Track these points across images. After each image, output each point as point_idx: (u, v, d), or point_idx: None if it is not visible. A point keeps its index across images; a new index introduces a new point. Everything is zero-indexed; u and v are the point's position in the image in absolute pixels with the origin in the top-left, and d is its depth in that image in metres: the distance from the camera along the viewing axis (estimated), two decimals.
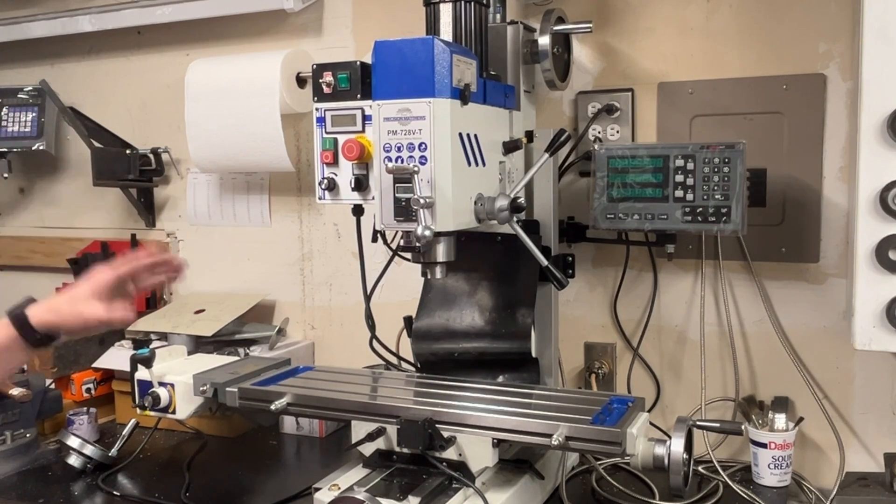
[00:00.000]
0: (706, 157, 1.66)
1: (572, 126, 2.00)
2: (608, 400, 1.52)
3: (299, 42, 2.30)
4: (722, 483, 1.70)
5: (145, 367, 1.68)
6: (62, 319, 1.48)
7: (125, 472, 1.85)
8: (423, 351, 1.77)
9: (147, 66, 2.55)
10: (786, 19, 1.80)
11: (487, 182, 1.55)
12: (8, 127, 2.54)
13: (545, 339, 1.79)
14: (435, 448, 1.42)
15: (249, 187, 2.43)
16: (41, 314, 1.47)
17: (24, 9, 2.62)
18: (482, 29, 1.58)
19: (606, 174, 1.74)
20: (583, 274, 2.01)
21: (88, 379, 2.22)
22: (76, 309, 1.48)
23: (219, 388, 1.65)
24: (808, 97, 1.79)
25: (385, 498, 1.37)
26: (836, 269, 1.81)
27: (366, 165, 1.60)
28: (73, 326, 1.49)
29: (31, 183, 2.78)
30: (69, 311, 1.48)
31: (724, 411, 1.91)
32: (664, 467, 1.35)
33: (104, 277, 1.51)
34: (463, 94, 1.43)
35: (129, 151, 2.47)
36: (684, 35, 1.89)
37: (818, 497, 1.69)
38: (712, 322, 1.92)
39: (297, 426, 2.08)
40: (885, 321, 1.37)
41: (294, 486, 1.70)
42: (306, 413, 1.66)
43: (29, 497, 1.72)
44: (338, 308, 2.34)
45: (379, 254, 1.90)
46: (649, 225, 1.72)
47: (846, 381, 1.82)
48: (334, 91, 1.61)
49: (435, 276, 1.51)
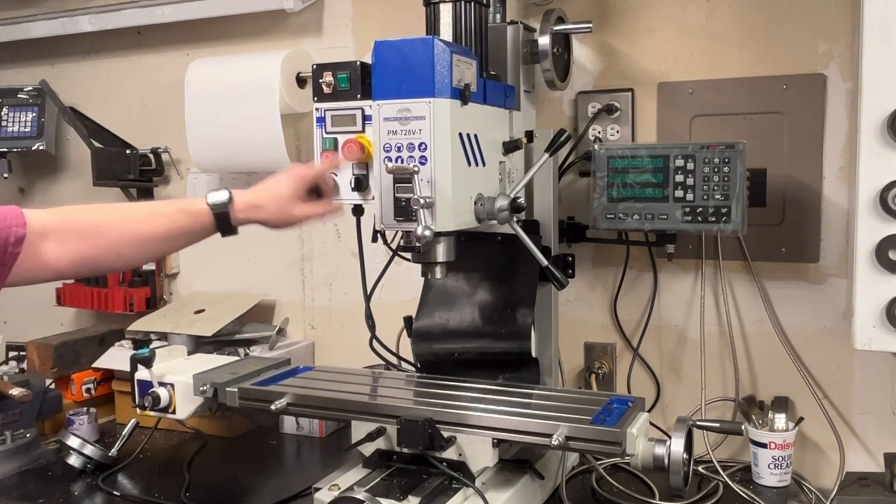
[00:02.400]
0: (706, 157, 1.66)
1: (572, 126, 2.00)
2: (608, 400, 1.51)
3: (299, 42, 2.30)
4: (722, 483, 1.70)
5: (145, 367, 1.68)
6: (266, 217, 1.51)
7: (125, 472, 1.85)
8: (423, 351, 1.77)
9: (147, 66, 2.55)
10: (786, 19, 1.80)
11: (487, 182, 1.55)
12: (8, 127, 2.54)
13: (545, 339, 1.79)
14: (435, 448, 1.42)
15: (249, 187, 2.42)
16: (244, 209, 1.48)
17: (24, 9, 2.62)
18: (482, 29, 1.58)
19: (606, 174, 1.74)
20: (583, 274, 2.01)
21: (88, 379, 2.22)
22: (283, 209, 1.51)
23: (219, 388, 1.65)
24: (808, 97, 1.79)
25: (385, 498, 1.37)
26: (836, 269, 1.81)
27: (366, 165, 1.60)
28: (277, 224, 1.52)
29: (31, 183, 2.78)
30: (276, 211, 1.50)
31: (724, 411, 1.91)
32: (664, 467, 1.35)
33: (304, 176, 1.54)
34: (463, 94, 1.43)
35: (129, 151, 2.47)
36: (684, 35, 1.89)
37: (818, 497, 1.69)
38: (712, 322, 1.92)
39: (297, 426, 2.08)
40: (885, 321, 1.37)
41: (294, 486, 1.70)
42: (306, 413, 1.67)
43: (29, 497, 1.72)
44: (338, 308, 2.34)
45: (379, 254, 1.90)
46: (649, 225, 1.72)
47: (846, 381, 1.82)
48: (334, 91, 1.61)
49: (435, 276, 1.51)
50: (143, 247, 1.44)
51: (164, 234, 1.45)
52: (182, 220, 1.47)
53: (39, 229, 1.34)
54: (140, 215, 1.47)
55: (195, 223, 1.47)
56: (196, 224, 1.47)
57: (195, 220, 1.47)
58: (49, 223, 1.36)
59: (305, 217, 1.54)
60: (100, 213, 1.44)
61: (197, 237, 1.49)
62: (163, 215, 1.47)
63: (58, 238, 1.36)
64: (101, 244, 1.40)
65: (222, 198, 1.47)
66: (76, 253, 1.37)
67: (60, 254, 1.36)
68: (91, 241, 1.39)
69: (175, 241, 1.49)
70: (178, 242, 1.50)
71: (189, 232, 1.47)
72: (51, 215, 1.38)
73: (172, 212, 1.48)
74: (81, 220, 1.42)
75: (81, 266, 1.40)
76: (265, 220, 1.51)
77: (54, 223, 1.37)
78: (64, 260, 1.36)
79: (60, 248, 1.36)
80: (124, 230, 1.43)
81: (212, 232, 1.48)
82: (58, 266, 1.37)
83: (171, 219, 1.47)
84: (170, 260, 2.53)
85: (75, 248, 1.37)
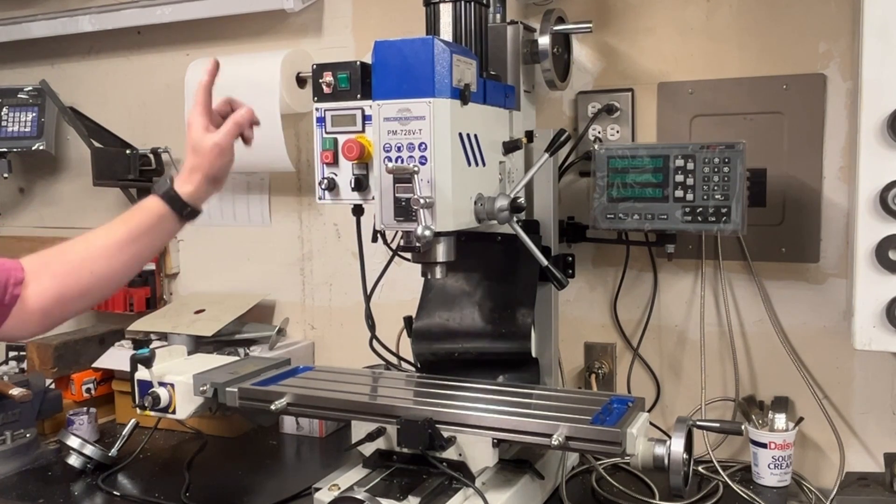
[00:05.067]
0: (706, 157, 1.66)
1: (572, 126, 2.00)
2: (608, 400, 1.51)
3: (299, 42, 2.30)
4: (722, 483, 1.70)
5: (145, 367, 1.68)
6: (204, 165, 1.50)
7: (125, 472, 1.85)
8: (423, 351, 1.77)
9: (147, 66, 2.55)
10: (786, 19, 1.80)
11: (487, 182, 1.55)
12: (8, 127, 2.54)
13: (545, 339, 1.79)
14: (435, 448, 1.42)
15: (249, 187, 2.42)
16: (186, 181, 1.49)
17: (24, 9, 2.62)
18: (482, 29, 1.58)
19: (606, 174, 1.74)
20: (583, 274, 2.01)
21: (88, 379, 2.22)
22: (205, 149, 1.50)
23: (219, 388, 1.65)
24: (808, 97, 1.79)
25: (385, 498, 1.37)
26: (836, 269, 1.81)
27: (366, 165, 1.60)
28: (218, 165, 1.51)
29: (31, 183, 2.78)
30: (202, 157, 1.50)
31: (724, 411, 1.91)
32: (664, 467, 1.35)
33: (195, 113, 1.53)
34: (463, 94, 1.43)
35: (129, 151, 2.47)
36: (684, 35, 1.89)
37: (818, 497, 1.69)
38: (712, 322, 1.92)
39: (297, 426, 2.08)
40: (885, 321, 1.37)
41: (294, 486, 1.70)
42: (306, 413, 1.67)
43: (29, 497, 1.72)
44: (338, 308, 2.34)
45: (379, 254, 1.90)
46: (649, 225, 1.72)
47: (846, 381, 1.82)
48: (334, 91, 1.61)
49: (435, 276, 1.51)
50: (111, 256, 1.44)
51: (125, 236, 1.46)
52: (137, 217, 1.48)
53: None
54: (100, 229, 1.48)
55: (151, 214, 1.48)
56: (152, 215, 1.48)
57: (149, 211, 1.48)
58: (28, 267, 1.40)
59: (223, 137, 1.51)
60: (64, 245, 1.47)
61: (162, 231, 1.50)
62: (119, 220, 1.49)
63: (34, 279, 1.39)
64: (71, 268, 1.42)
65: (164, 182, 1.50)
66: (53, 286, 1.40)
67: (40, 292, 1.39)
68: (61, 268, 1.42)
69: (140, 241, 1.48)
70: (144, 241, 1.48)
71: (149, 227, 1.48)
72: (27, 261, 1.42)
73: (127, 215, 1.49)
74: (47, 256, 1.45)
75: (62, 298, 1.41)
76: (205, 173, 1.50)
77: (30, 267, 1.41)
78: (46, 296, 1.39)
79: (38, 287, 1.39)
80: (88, 246, 1.45)
81: (172, 220, 1.49)
82: (41, 305, 1.38)
83: (127, 221, 1.48)
84: (170, 260, 2.53)
85: (49, 282, 1.40)
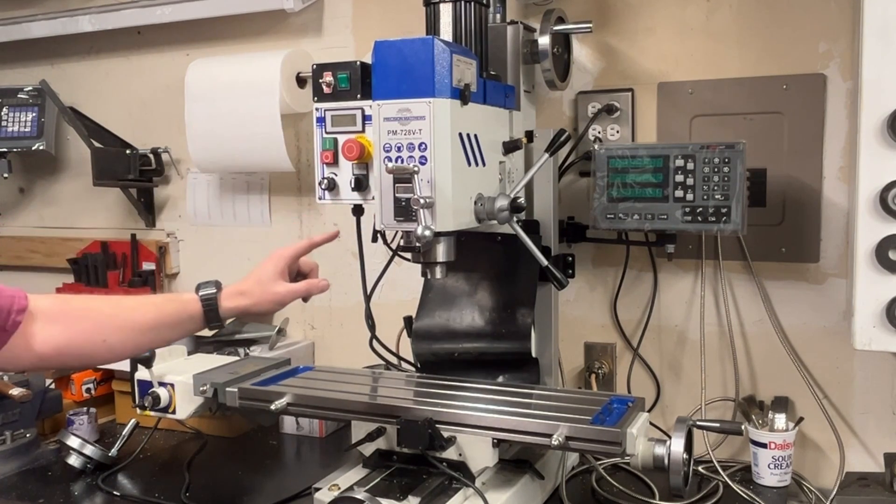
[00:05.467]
0: (706, 157, 1.66)
1: (572, 126, 2.00)
2: (608, 400, 1.51)
3: (299, 42, 2.30)
4: (722, 483, 1.70)
5: (145, 367, 1.68)
6: (251, 301, 1.53)
7: (125, 472, 1.85)
8: (423, 351, 1.77)
9: (147, 66, 2.55)
10: (786, 19, 1.80)
11: (487, 182, 1.55)
12: (8, 127, 2.54)
13: (545, 339, 1.79)
14: (435, 448, 1.42)
15: (249, 187, 2.43)
16: (230, 295, 1.52)
17: (24, 9, 2.62)
18: (482, 29, 1.58)
19: (606, 174, 1.74)
20: (583, 274, 2.01)
21: (88, 379, 2.21)
22: (266, 290, 1.53)
23: (219, 388, 1.65)
24: (808, 97, 1.79)
25: (385, 498, 1.37)
26: (836, 269, 1.81)
27: (366, 165, 1.60)
28: (265, 307, 1.54)
29: (31, 183, 2.78)
30: (259, 293, 1.53)
31: (724, 411, 1.91)
32: (664, 467, 1.35)
33: (283, 255, 1.57)
34: (463, 94, 1.43)
35: (129, 151, 2.47)
36: (684, 35, 1.89)
37: (818, 497, 1.69)
38: (712, 322, 1.92)
39: (297, 426, 2.08)
40: (885, 321, 1.37)
41: (294, 486, 1.70)
42: (306, 413, 1.67)
43: (29, 497, 1.72)
44: (338, 308, 2.34)
45: (379, 254, 1.90)
46: (649, 225, 1.72)
47: (846, 381, 1.82)
48: (334, 91, 1.61)
49: (435, 276, 1.51)
50: (129, 335, 1.45)
51: (151, 322, 1.47)
52: (170, 307, 1.50)
53: (33, 309, 1.36)
54: (130, 302, 1.49)
55: (183, 311, 1.49)
56: (184, 312, 1.49)
57: (184, 307, 1.50)
58: (41, 305, 1.38)
59: (288, 293, 1.55)
60: (90, 299, 1.47)
61: (184, 328, 1.51)
62: (151, 303, 1.51)
63: (47, 319, 1.37)
64: (87, 328, 1.41)
65: (211, 286, 1.52)
66: (61, 336, 1.38)
67: (46, 337, 1.37)
68: (77, 324, 1.40)
69: (162, 332, 1.50)
70: (164, 333, 1.50)
71: (177, 322, 1.49)
72: (44, 299, 1.40)
73: (161, 300, 1.52)
74: (71, 303, 1.46)
75: (63, 351, 1.39)
76: (250, 306, 1.53)
77: (45, 306, 1.39)
78: (50, 343, 1.37)
79: (47, 330, 1.37)
80: (112, 314, 1.45)
81: (199, 322, 1.51)
82: (42, 350, 1.36)
83: (159, 307, 1.50)
84: (170, 260, 2.53)
85: (61, 330, 1.38)
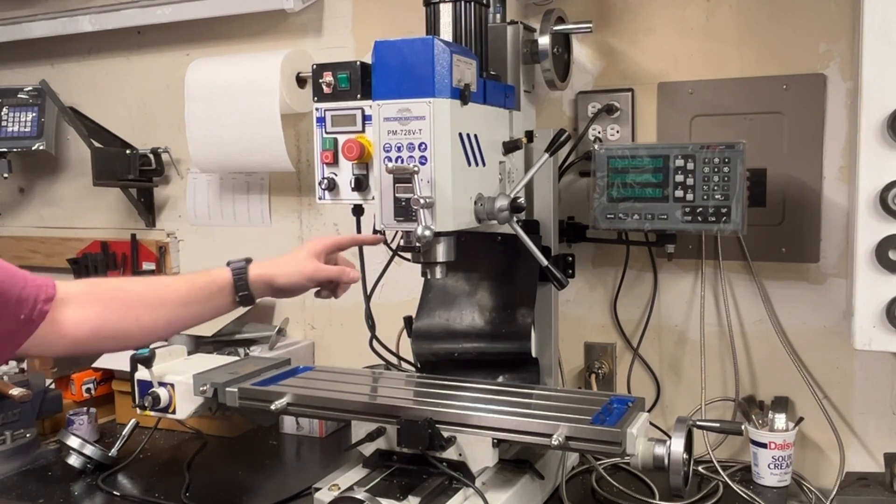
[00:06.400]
0: (706, 157, 1.66)
1: (572, 126, 2.00)
2: (608, 400, 1.51)
3: (299, 42, 2.30)
4: (722, 483, 1.70)
5: (145, 367, 1.68)
6: (282, 272, 1.53)
7: (125, 472, 1.85)
8: (423, 351, 1.77)
9: (147, 66, 2.55)
10: (786, 19, 1.80)
11: (487, 182, 1.55)
12: (8, 127, 2.54)
13: (545, 339, 1.79)
14: (435, 448, 1.42)
15: (249, 187, 2.43)
16: (260, 266, 1.53)
17: (24, 9, 2.62)
18: (482, 29, 1.58)
19: (606, 174, 1.74)
20: (583, 274, 2.01)
21: (88, 379, 2.21)
22: (298, 263, 1.54)
23: (219, 388, 1.65)
24: (808, 97, 1.79)
25: (385, 498, 1.37)
26: (836, 269, 1.81)
27: (366, 165, 1.60)
28: (294, 279, 1.54)
29: (31, 183, 2.78)
30: (289, 270, 1.54)
31: (724, 411, 1.91)
32: (664, 467, 1.35)
33: (322, 241, 1.59)
34: (463, 94, 1.43)
35: (129, 151, 2.47)
36: (684, 35, 1.89)
37: (818, 497, 1.69)
38: (712, 322, 1.92)
39: (297, 426, 2.08)
40: (885, 321, 1.37)
41: (294, 486, 1.70)
42: (306, 413, 1.67)
43: (29, 497, 1.72)
44: (338, 308, 2.33)
45: (379, 254, 1.90)
46: (649, 225, 1.72)
47: (846, 381, 1.82)
48: (334, 91, 1.61)
49: (435, 276, 1.51)
50: (161, 312, 1.45)
51: (184, 297, 1.47)
52: (200, 280, 1.50)
53: (63, 296, 1.35)
54: (160, 280, 1.51)
55: (213, 283, 1.49)
56: (214, 284, 1.49)
57: (213, 279, 1.50)
58: (72, 291, 1.37)
59: (318, 270, 1.55)
60: (121, 280, 1.48)
61: (215, 302, 1.51)
62: (182, 279, 1.52)
63: (79, 304, 1.37)
64: (120, 307, 1.41)
65: (241, 261, 1.53)
66: (95, 318, 1.37)
67: (79, 321, 1.36)
68: (110, 305, 1.40)
69: (193, 307, 1.49)
70: (196, 308, 1.49)
71: (207, 295, 1.49)
72: (74, 284, 1.40)
73: (192, 275, 1.52)
74: (102, 286, 1.46)
75: (98, 333, 1.38)
76: (278, 275, 1.53)
77: (77, 291, 1.38)
78: (84, 327, 1.36)
79: (80, 314, 1.36)
80: (142, 292, 1.45)
81: (229, 294, 1.51)
82: (76, 335, 1.36)
83: (190, 281, 1.50)
84: (170, 260, 2.52)
85: (94, 312, 1.38)
